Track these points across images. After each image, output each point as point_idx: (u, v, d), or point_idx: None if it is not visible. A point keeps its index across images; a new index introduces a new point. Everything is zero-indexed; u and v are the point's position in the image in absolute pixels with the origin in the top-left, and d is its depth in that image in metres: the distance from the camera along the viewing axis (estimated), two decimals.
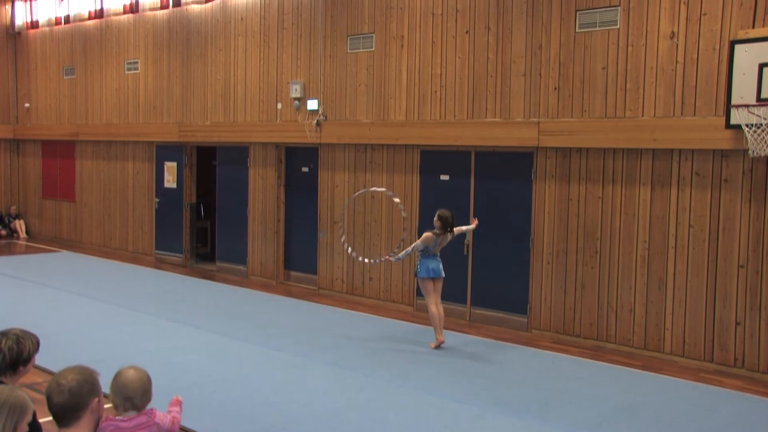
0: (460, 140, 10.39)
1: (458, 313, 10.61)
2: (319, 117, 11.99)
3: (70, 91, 17.31)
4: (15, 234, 18.55)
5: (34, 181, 18.75)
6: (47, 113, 18.07)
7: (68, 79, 17.32)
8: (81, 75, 16.94)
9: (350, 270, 11.86)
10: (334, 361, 8.36)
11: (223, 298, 11.84)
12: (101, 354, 8.45)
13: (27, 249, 16.97)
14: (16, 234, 18.54)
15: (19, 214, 18.89)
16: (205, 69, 14.00)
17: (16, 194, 19.18)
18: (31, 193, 18.89)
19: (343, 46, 11.74)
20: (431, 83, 10.71)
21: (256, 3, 13.01)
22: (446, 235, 8.96)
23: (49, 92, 17.96)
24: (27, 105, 18.59)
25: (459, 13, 10.35)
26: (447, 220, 8.89)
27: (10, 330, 4.13)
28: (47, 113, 18.07)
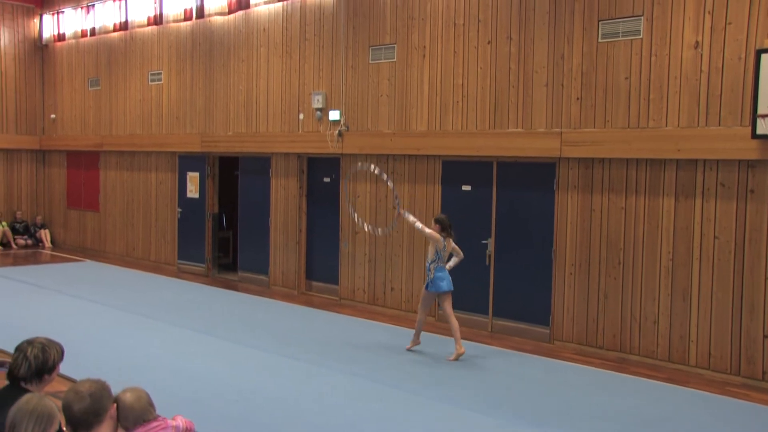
0: (482, 150, 10.37)
1: (480, 324, 10.56)
2: (340, 127, 12.03)
3: (94, 102, 17.51)
4: (40, 243, 18.76)
5: (59, 191, 18.96)
6: (72, 124, 18.29)
7: (93, 91, 17.53)
8: (106, 86, 17.13)
9: (371, 280, 11.86)
10: (355, 371, 8.35)
11: (245, 307, 11.87)
12: (124, 362, 8.50)
13: (52, 258, 17.14)
14: (41, 243, 18.75)
15: (45, 224, 19.10)
16: (228, 80, 14.11)
17: (41, 204, 19.40)
18: (56, 203, 19.10)
19: (364, 57, 11.78)
20: (453, 93, 10.71)
21: (279, 14, 13.10)
22: (449, 241, 8.99)
23: (75, 103, 18.19)
24: (53, 116, 18.83)
25: (481, 23, 10.36)
26: (444, 221, 8.98)
27: (36, 339, 4.18)
28: (72, 124, 18.29)
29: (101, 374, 7.79)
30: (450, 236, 9.01)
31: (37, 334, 4.29)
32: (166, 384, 7.79)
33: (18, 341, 4.26)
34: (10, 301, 12.02)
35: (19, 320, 10.44)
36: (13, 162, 18.94)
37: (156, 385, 7.73)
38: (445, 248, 8.97)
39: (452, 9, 10.66)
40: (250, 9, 13.55)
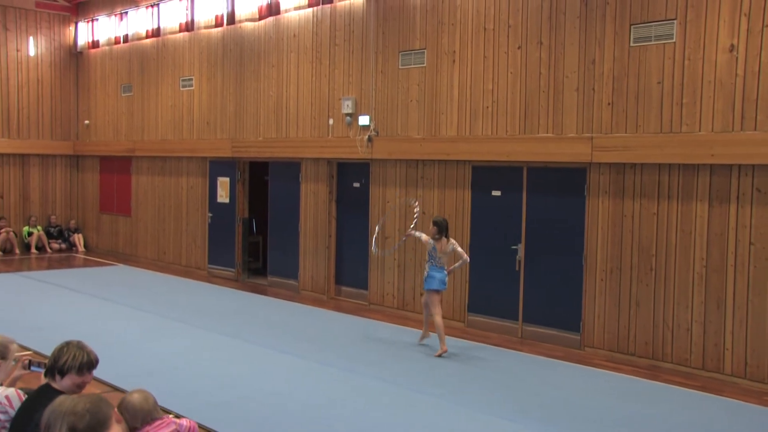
0: (512, 156, 10.33)
1: (509, 330, 10.50)
2: (370, 132, 12.05)
3: (127, 108, 17.73)
4: (74, 248, 19.02)
5: (92, 196, 19.22)
6: (105, 130, 18.54)
7: (126, 97, 17.75)
8: (138, 92, 17.34)
9: (401, 285, 11.85)
10: (384, 376, 8.35)
11: (274, 312, 11.93)
12: (154, 366, 8.59)
13: (85, 262, 17.37)
14: (74, 248, 19.02)
15: (78, 228, 19.37)
16: (258, 85, 14.20)
17: (75, 209, 19.67)
18: (89, 208, 19.36)
19: (394, 62, 11.79)
20: (483, 98, 10.68)
21: (309, 20, 13.16)
22: (443, 241, 9.31)
23: (108, 109, 18.43)
24: (87, 122, 19.10)
25: (511, 29, 10.32)
26: (441, 224, 9.33)
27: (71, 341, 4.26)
28: (105, 130, 18.54)
29: (132, 377, 7.91)
30: (445, 238, 9.32)
31: (72, 337, 4.36)
32: (196, 387, 7.85)
33: (51, 344, 4.33)
34: (45, 304, 12.20)
35: (54, 323, 10.59)
36: (48, 167, 19.24)
37: (186, 388, 7.82)
38: (435, 249, 9.32)
39: (482, 14, 10.64)
40: (281, 15, 13.64)
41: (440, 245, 9.32)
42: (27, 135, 18.75)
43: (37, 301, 12.50)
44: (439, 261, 9.37)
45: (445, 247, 9.34)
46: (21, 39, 18.53)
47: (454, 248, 9.32)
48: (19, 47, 18.51)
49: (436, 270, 9.38)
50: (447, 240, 9.37)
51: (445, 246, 9.33)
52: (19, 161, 18.72)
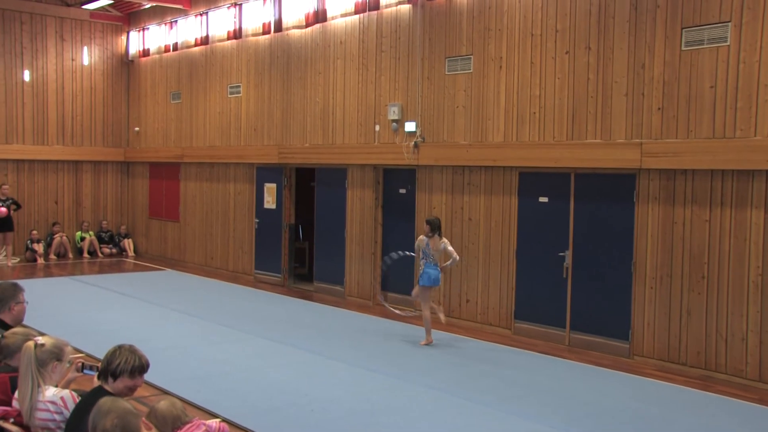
0: (559, 162, 10.23)
1: (556, 338, 10.38)
2: (416, 139, 12.05)
3: (176, 115, 18.03)
4: (124, 252, 19.38)
5: (142, 201, 19.56)
6: (155, 136, 18.87)
7: (175, 104, 18.05)
8: (186, 99, 17.62)
9: (447, 292, 11.81)
10: (431, 384, 8.32)
11: (321, 318, 11.97)
12: (203, 370, 8.68)
13: (134, 267, 17.68)
14: (125, 252, 19.37)
15: (128, 234, 19.73)
16: (305, 92, 14.31)
17: (125, 214, 20.05)
18: (139, 213, 19.71)
19: (441, 68, 11.78)
20: (530, 104, 10.60)
21: (355, 26, 13.22)
22: (436, 239, 9.88)
23: (157, 116, 18.76)
24: (137, 129, 19.48)
25: (559, 34, 10.23)
26: (433, 223, 9.95)
27: (124, 345, 4.34)
28: (155, 136, 18.87)
29: (182, 382, 8.01)
30: (437, 236, 9.89)
31: (123, 341, 4.44)
32: (244, 392, 7.92)
33: (103, 347, 4.41)
34: (97, 308, 12.44)
35: (105, 327, 10.79)
36: (100, 173, 19.65)
37: (235, 393, 7.89)
38: (429, 246, 9.92)
39: (530, 20, 10.57)
40: (327, 22, 13.73)
41: (433, 242, 9.91)
42: (80, 142, 19.19)
43: (89, 304, 12.75)
44: (432, 258, 9.95)
45: (438, 245, 9.91)
46: (76, 49, 18.99)
47: (445, 247, 9.90)
48: (74, 57, 18.97)
49: (430, 267, 9.94)
50: (439, 238, 9.94)
51: (437, 244, 9.91)
52: (73, 168, 19.16)
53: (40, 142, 18.58)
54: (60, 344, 4.49)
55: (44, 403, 4.27)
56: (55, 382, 4.44)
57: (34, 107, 18.45)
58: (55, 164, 18.86)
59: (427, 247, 9.97)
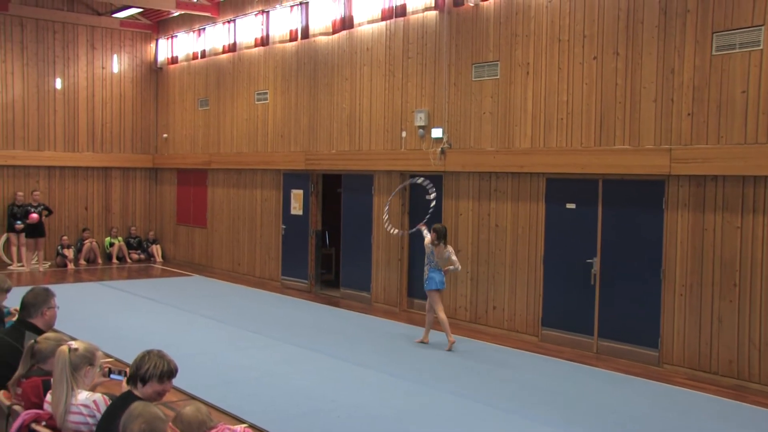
0: (587, 168, 10.18)
1: (584, 345, 10.31)
2: (443, 145, 12.05)
3: (203, 122, 18.20)
4: (152, 258, 19.58)
5: (170, 207, 19.76)
6: (183, 143, 19.06)
7: (202, 110, 18.23)
8: (214, 106, 17.78)
9: (473, 298, 11.78)
10: (457, 390, 8.31)
11: (347, 324, 12.00)
12: (230, 376, 8.75)
13: (162, 273, 17.85)
14: (153, 258, 19.57)
15: (156, 239, 19.93)
16: (332, 98, 14.38)
17: (153, 220, 20.27)
18: (167, 219, 19.91)
19: (467, 74, 11.78)
20: (557, 110, 10.57)
21: (382, 33, 13.27)
22: (441, 247, 10.22)
23: (185, 123, 18.96)
24: (165, 135, 19.69)
25: (586, 39, 10.19)
26: (440, 231, 10.25)
27: (153, 350, 4.40)
28: (183, 143, 19.06)
29: (209, 387, 8.06)
30: (442, 244, 10.24)
31: (149, 346, 4.50)
32: (271, 398, 7.97)
33: (132, 352, 4.47)
34: (125, 313, 12.58)
35: (133, 332, 10.91)
36: (129, 180, 19.89)
37: (262, 398, 7.94)
38: (433, 253, 10.30)
39: (557, 25, 10.54)
40: (354, 28, 13.80)
41: (438, 250, 10.27)
42: (110, 149, 19.45)
43: (118, 309, 12.90)
44: (436, 264, 10.33)
45: (442, 252, 10.27)
46: (106, 57, 19.26)
47: (449, 255, 10.28)
48: (104, 65, 19.25)
49: (435, 272, 10.34)
50: (444, 246, 10.27)
51: (442, 251, 10.27)
52: (102, 174, 19.42)
53: (71, 149, 18.85)
54: (92, 348, 4.56)
55: (77, 407, 4.34)
56: (87, 386, 4.51)
57: (65, 115, 18.74)
58: (85, 171, 19.12)
59: (431, 254, 10.34)
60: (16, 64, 18.00)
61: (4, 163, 17.82)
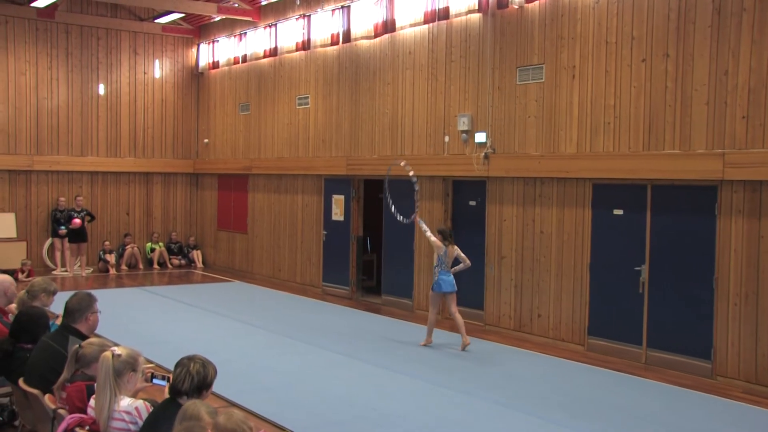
0: (635, 173, 10.03)
1: (632, 355, 10.14)
2: (487, 150, 11.99)
3: (244, 127, 18.37)
4: (193, 264, 19.80)
5: (211, 213, 19.98)
6: (224, 148, 19.26)
7: (243, 115, 18.40)
8: (255, 111, 17.94)
9: (518, 306, 11.69)
10: (501, 400, 8.24)
11: (389, 331, 11.98)
12: (271, 383, 8.79)
13: (203, 278, 18.04)
14: (193, 264, 19.79)
15: (197, 245, 20.15)
16: (373, 103, 14.40)
17: (194, 225, 20.51)
18: (207, 225, 20.13)
19: (512, 78, 11.70)
20: (604, 114, 10.44)
21: (425, 36, 13.26)
22: (452, 248, 10.59)
23: (226, 128, 19.15)
24: (206, 141, 19.92)
25: (635, 41, 10.05)
26: (444, 232, 10.74)
27: (195, 355, 4.43)
28: (224, 148, 19.26)
29: (249, 393, 8.11)
30: (451, 244, 10.61)
31: (191, 352, 4.53)
32: (312, 406, 7.98)
33: (172, 358, 4.51)
34: (166, 318, 12.74)
35: (174, 338, 11.04)
36: (170, 185, 20.16)
37: (302, 406, 7.96)
38: (446, 254, 10.57)
39: (604, 27, 10.42)
40: (396, 32, 13.81)
41: (450, 250, 10.63)
42: (151, 154, 19.74)
43: (159, 315, 13.07)
44: (447, 265, 10.62)
45: (453, 252, 10.62)
46: (148, 62, 19.57)
47: (458, 254, 10.61)
48: (146, 70, 19.56)
49: (445, 274, 10.61)
50: (452, 246, 10.65)
51: (452, 251, 10.62)
52: (144, 179, 19.72)
53: (113, 155, 19.18)
54: (135, 354, 4.62)
55: (119, 413, 4.39)
56: (129, 392, 4.56)
57: (107, 120, 19.07)
58: (126, 176, 19.44)
59: (444, 255, 10.59)
60: (61, 71, 18.38)
61: (49, 168, 18.20)
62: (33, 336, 5.92)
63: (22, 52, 17.90)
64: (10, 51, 17.72)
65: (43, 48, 18.12)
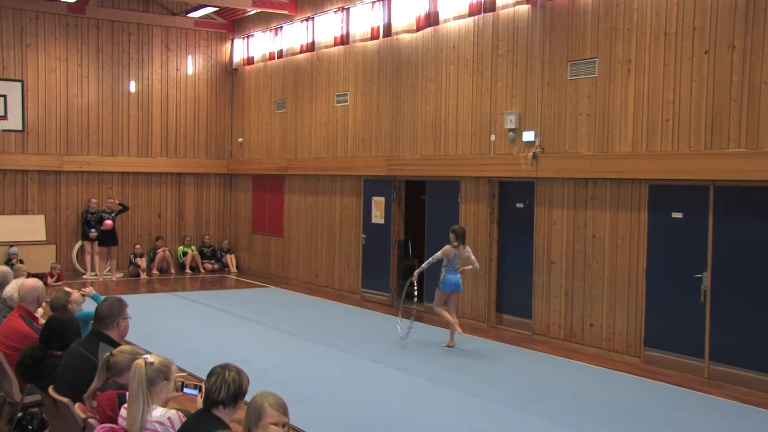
0: (695, 174, 9.85)
1: (693, 369, 9.95)
2: (535, 149, 11.89)
3: (280, 125, 18.48)
4: (226, 268, 19.97)
5: (245, 215, 20.13)
6: (259, 148, 19.40)
7: (279, 113, 18.51)
8: (291, 109, 18.03)
9: (568, 315, 11.56)
10: (551, 414, 8.16)
11: (431, 340, 11.93)
12: (308, 392, 8.81)
13: (237, 284, 18.18)
14: (227, 268, 19.96)
15: (231, 249, 20.32)
16: (415, 100, 14.38)
17: (228, 229, 20.68)
18: (241, 228, 20.28)
19: (562, 73, 11.60)
20: (662, 111, 10.28)
21: (470, 30, 13.20)
22: (462, 248, 11.05)
23: (261, 127, 19.29)
24: (240, 140, 20.09)
25: (697, 32, 9.88)
26: (458, 232, 11.10)
27: (228, 364, 4.45)
28: (259, 148, 19.40)
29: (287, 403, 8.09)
30: (462, 245, 11.06)
31: (224, 360, 4.55)
32: (351, 417, 7.99)
33: (204, 366, 4.53)
34: (198, 325, 12.85)
35: (206, 345, 11.13)
36: (203, 186, 20.37)
37: (336, 417, 7.97)
38: (456, 255, 11.07)
39: (663, 17, 10.26)
40: (439, 25, 13.78)
41: (459, 251, 11.08)
42: (183, 154, 19.96)
43: (191, 321, 13.20)
44: (456, 266, 11.12)
45: (463, 253, 11.11)
46: (180, 58, 19.81)
47: (468, 255, 11.14)
48: (178, 66, 19.80)
49: (451, 273, 11.11)
50: (464, 246, 11.12)
51: (462, 252, 11.11)
52: (176, 180, 19.94)
53: (144, 154, 19.44)
54: (167, 362, 4.65)
55: (151, 423, 4.43)
56: (161, 401, 4.60)
57: (138, 119, 19.34)
58: (158, 177, 19.68)
59: (454, 257, 11.06)
60: (91, 68, 18.69)
61: (78, 169, 18.52)
62: (64, 342, 6.01)
63: (53, 48, 18.24)
64: (40, 48, 18.07)
65: (73, 44, 18.45)
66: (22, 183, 18.02)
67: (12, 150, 17.84)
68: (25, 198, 18.06)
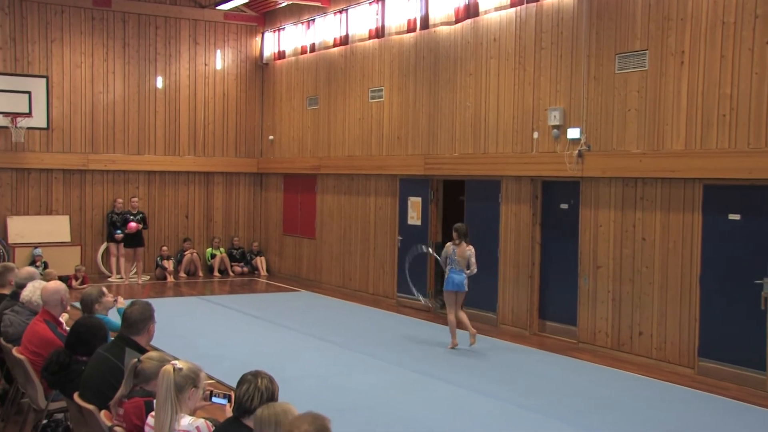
0: (755, 173, 9.70)
1: (753, 382, 9.78)
2: (581, 147, 11.80)
3: (312, 122, 18.53)
4: (256, 271, 20.07)
5: (276, 216, 20.21)
6: (290, 146, 19.47)
7: (311, 110, 18.57)
8: (324, 105, 18.08)
9: (616, 322, 11.44)
10: (596, 428, 8.10)
11: (470, 348, 11.88)
12: (344, 402, 8.82)
13: (267, 288, 18.27)
14: (257, 271, 20.06)
15: (261, 251, 20.42)
16: (454, 96, 14.34)
17: (258, 230, 20.78)
18: (272, 229, 20.38)
19: (610, 66, 11.49)
20: (718, 105, 10.13)
21: (511, 22, 13.14)
22: (462, 246, 11.27)
23: (293, 124, 19.36)
24: (271, 137, 20.17)
25: (758, 20, 9.72)
26: (460, 230, 11.40)
27: (259, 371, 4.46)
28: (290, 146, 19.47)
29: None
30: (463, 243, 11.31)
31: (253, 367, 4.57)
32: (383, 428, 7.96)
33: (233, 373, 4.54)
34: (227, 331, 12.92)
35: (235, 351, 11.18)
36: (232, 186, 20.48)
37: (372, 428, 7.95)
38: (455, 253, 11.30)
39: (720, 5, 10.11)
40: (479, 17, 13.73)
41: (459, 249, 11.31)
42: (212, 152, 20.09)
43: (219, 326, 13.28)
44: (458, 264, 11.30)
45: (464, 251, 11.31)
46: (209, 53, 19.95)
47: (470, 256, 11.30)
48: (207, 61, 19.94)
49: (455, 272, 11.34)
50: (466, 245, 11.34)
51: (463, 251, 11.32)
52: (204, 179, 20.08)
53: (172, 153, 19.60)
54: (196, 369, 4.67)
55: None
56: (189, 409, 4.62)
57: (166, 116, 19.50)
58: (186, 176, 19.84)
59: (453, 254, 11.32)
60: (117, 63, 18.89)
61: (104, 168, 18.73)
62: (90, 348, 6.07)
63: (78, 43, 18.47)
64: (65, 42, 18.32)
65: (99, 39, 18.67)
66: (46, 182, 18.27)
67: (36, 148, 18.09)
68: (50, 198, 18.31)
